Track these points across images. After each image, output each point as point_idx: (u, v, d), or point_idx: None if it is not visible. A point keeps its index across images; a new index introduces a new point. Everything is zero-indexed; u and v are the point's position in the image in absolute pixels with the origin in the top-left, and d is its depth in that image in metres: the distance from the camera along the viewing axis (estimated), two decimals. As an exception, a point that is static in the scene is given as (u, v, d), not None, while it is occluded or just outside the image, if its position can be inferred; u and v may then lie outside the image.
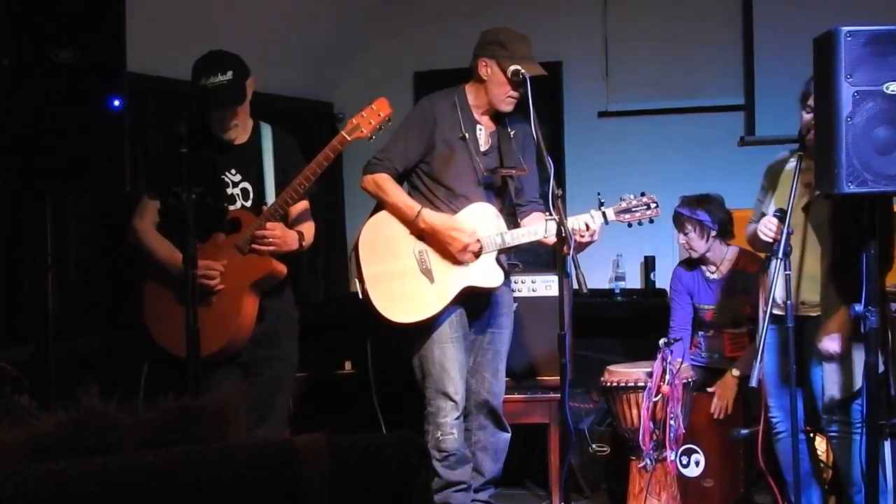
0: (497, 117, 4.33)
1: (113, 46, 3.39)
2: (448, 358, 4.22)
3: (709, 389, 4.75)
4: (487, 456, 4.43)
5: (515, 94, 4.21)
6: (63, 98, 3.33)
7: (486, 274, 4.21)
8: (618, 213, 4.13)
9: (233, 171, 4.01)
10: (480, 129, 4.33)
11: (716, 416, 4.70)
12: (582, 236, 4.04)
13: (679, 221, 4.88)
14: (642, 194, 4.16)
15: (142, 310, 4.02)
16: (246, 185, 4.03)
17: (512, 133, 4.32)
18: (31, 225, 4.29)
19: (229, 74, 3.88)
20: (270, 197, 4.03)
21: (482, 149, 4.31)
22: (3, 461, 1.23)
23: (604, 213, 4.10)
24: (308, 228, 4.13)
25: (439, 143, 4.26)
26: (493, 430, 4.44)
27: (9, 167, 3.32)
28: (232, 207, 3.96)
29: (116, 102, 3.39)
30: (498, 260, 4.26)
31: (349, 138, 3.92)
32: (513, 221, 4.35)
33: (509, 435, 4.49)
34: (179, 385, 3.90)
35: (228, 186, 4.00)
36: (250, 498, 1.28)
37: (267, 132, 4.12)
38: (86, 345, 4.52)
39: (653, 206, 4.16)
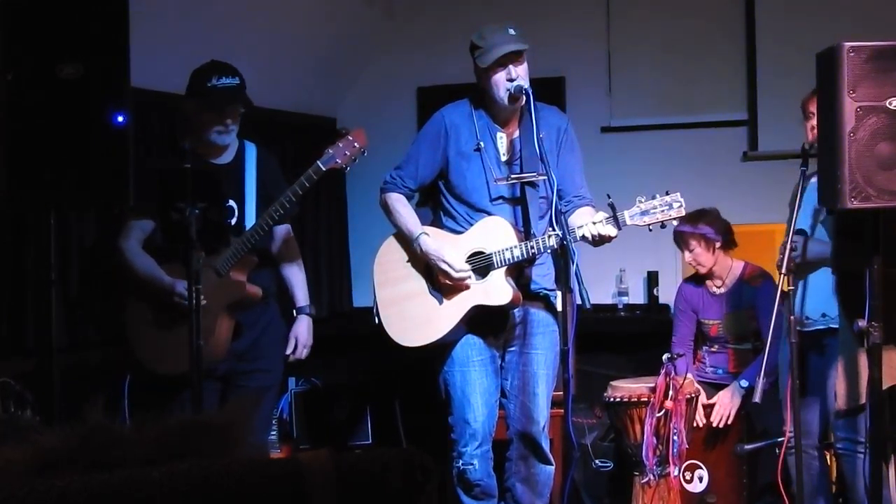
0: (523, 120, 3.94)
1: (117, 62, 3.39)
2: (469, 382, 4.03)
3: (710, 401, 4.73)
4: (528, 489, 4.12)
5: (504, 80, 3.86)
6: (67, 113, 3.33)
7: (493, 292, 3.95)
8: (633, 216, 3.74)
9: None
10: (501, 137, 4.04)
11: (715, 425, 4.67)
12: (596, 242, 3.77)
13: (682, 240, 4.86)
14: (667, 193, 3.77)
15: (124, 324, 4.06)
16: (230, 204, 4.03)
17: (542, 134, 3.83)
18: (35, 238, 4.30)
19: (237, 79, 3.97)
20: (251, 216, 4.05)
21: (503, 158, 4.03)
22: (9, 478, 1.23)
23: (615, 218, 3.71)
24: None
25: (454, 156, 4.03)
26: (533, 461, 4.10)
27: (13, 181, 3.31)
28: None
29: (121, 118, 3.39)
30: (510, 277, 3.97)
31: (324, 169, 3.93)
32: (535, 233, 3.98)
33: (552, 468, 4.15)
34: (159, 399, 3.93)
35: None
36: (256, 514, 1.28)
37: (252, 151, 4.16)
38: (83, 359, 4.51)
39: (676, 205, 3.76)
